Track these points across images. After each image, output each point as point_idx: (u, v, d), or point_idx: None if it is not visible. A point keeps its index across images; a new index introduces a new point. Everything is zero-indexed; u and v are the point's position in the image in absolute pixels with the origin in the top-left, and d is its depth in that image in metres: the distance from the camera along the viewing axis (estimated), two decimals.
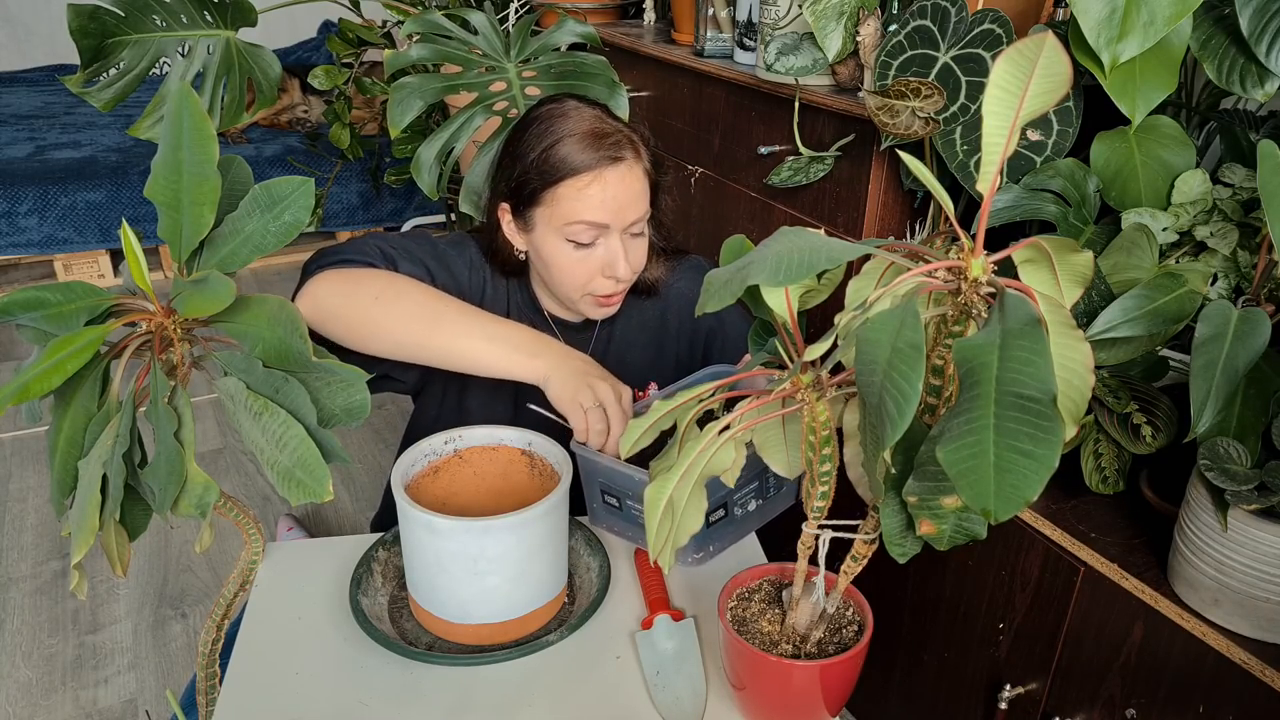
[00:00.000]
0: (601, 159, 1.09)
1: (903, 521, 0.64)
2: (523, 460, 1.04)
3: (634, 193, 1.12)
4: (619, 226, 1.12)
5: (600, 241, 1.12)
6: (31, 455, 2.51)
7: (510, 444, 1.04)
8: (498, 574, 0.92)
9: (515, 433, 1.04)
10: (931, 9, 1.25)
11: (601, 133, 1.10)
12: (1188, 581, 0.92)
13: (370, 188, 3.66)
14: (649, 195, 1.15)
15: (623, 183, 1.10)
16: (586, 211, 1.10)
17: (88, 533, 0.79)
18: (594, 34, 1.63)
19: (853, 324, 0.60)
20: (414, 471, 1.00)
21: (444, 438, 1.02)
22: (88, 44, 1.43)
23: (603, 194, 1.09)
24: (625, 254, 1.13)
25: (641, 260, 1.18)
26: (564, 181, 1.10)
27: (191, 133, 0.81)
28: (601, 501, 1.03)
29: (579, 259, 1.13)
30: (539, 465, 1.03)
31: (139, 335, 0.83)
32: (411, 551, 0.95)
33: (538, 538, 0.93)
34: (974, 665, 1.24)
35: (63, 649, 1.87)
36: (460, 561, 0.91)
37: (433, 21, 1.55)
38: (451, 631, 0.95)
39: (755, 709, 0.84)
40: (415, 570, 0.96)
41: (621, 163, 1.10)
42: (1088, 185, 1.18)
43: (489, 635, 0.95)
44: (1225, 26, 1.07)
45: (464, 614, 0.94)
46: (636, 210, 1.13)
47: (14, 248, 3.28)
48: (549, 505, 0.91)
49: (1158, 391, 1.04)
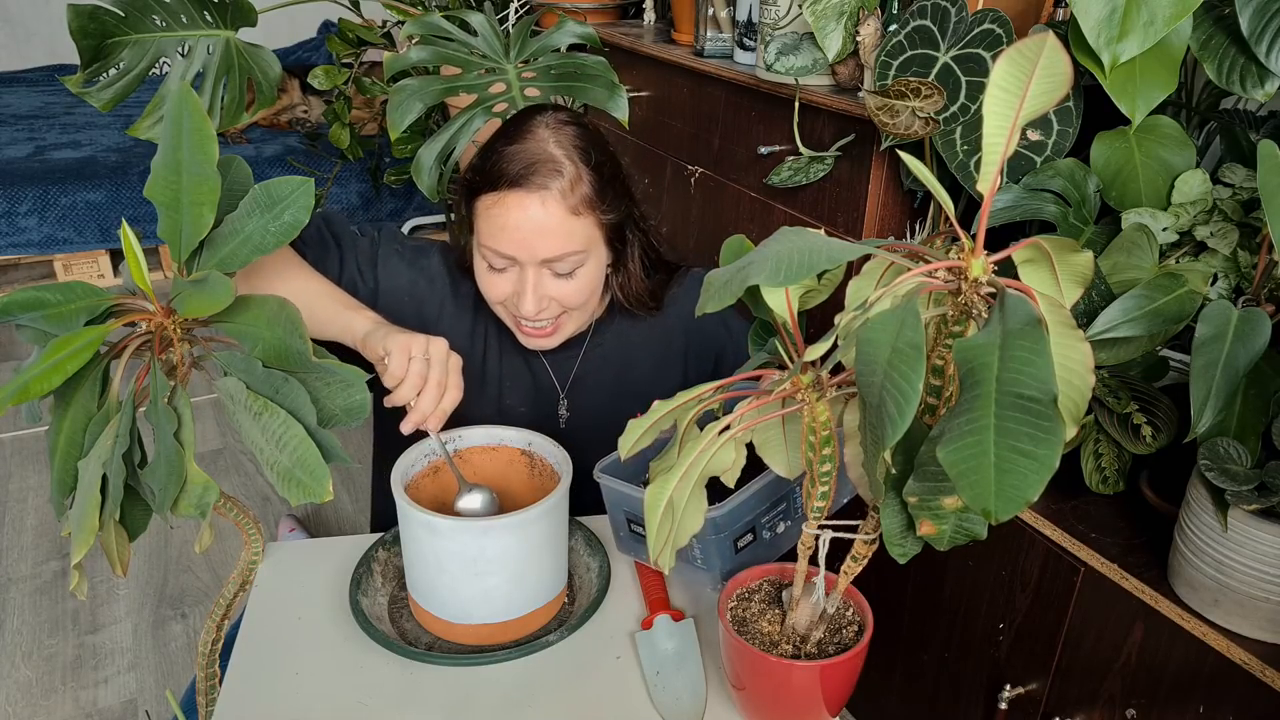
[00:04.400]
0: (517, 180, 1.02)
1: (903, 522, 0.64)
2: (523, 460, 1.04)
3: (547, 228, 1.03)
4: (529, 260, 1.04)
5: (513, 269, 1.07)
6: (31, 455, 2.51)
7: (510, 444, 1.04)
8: (498, 574, 0.91)
9: (515, 433, 1.04)
10: (931, 9, 1.25)
11: (534, 154, 1.03)
12: (1188, 582, 0.92)
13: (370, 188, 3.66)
14: (588, 236, 1.06)
15: (531, 215, 1.02)
16: (491, 236, 1.05)
17: (87, 533, 0.79)
18: (594, 35, 1.63)
19: (853, 324, 0.60)
20: (414, 471, 1.00)
21: (444, 437, 1.02)
22: (87, 44, 1.43)
23: (504, 220, 1.03)
24: (534, 288, 1.05)
25: (573, 299, 1.09)
26: (480, 195, 1.05)
27: (191, 133, 0.81)
28: (628, 530, 1.01)
29: (493, 280, 1.08)
30: (539, 465, 1.03)
31: (139, 335, 0.83)
32: (411, 551, 0.95)
33: (538, 538, 0.92)
34: (974, 665, 1.24)
35: (63, 649, 1.87)
36: (460, 562, 0.90)
37: (432, 23, 1.55)
38: (451, 631, 0.95)
39: (755, 709, 0.84)
40: (415, 570, 0.95)
41: (539, 192, 1.02)
42: (1088, 185, 1.18)
43: (489, 635, 0.95)
44: (1225, 26, 1.07)
45: (464, 614, 0.94)
46: (551, 248, 1.04)
47: (14, 248, 3.28)
48: (549, 505, 0.91)
49: (1158, 391, 1.04)
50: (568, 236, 1.04)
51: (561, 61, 1.53)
